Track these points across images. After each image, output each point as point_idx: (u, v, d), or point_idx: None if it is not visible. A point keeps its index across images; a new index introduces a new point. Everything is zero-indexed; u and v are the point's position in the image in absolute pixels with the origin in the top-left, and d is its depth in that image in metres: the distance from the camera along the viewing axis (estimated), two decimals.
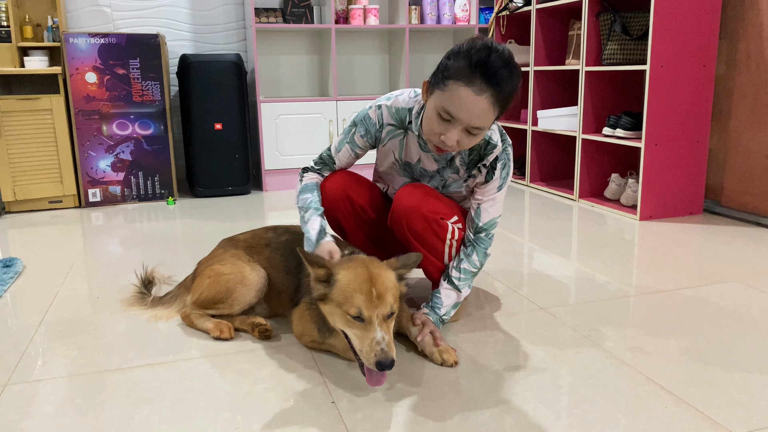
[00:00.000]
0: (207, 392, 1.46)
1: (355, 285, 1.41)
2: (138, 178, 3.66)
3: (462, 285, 1.74)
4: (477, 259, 1.75)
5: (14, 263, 2.42)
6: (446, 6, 4.25)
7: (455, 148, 1.56)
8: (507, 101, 1.51)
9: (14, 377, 1.55)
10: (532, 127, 3.88)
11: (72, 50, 3.42)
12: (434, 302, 1.73)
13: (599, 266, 2.36)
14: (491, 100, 1.47)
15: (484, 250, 1.76)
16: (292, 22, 4.02)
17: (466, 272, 1.74)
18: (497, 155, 1.70)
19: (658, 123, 2.96)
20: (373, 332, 1.37)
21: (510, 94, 1.50)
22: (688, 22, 2.90)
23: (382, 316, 1.39)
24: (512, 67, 1.48)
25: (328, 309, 1.47)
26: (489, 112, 1.48)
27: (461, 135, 1.52)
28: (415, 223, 1.70)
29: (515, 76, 1.49)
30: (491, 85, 1.45)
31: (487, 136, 1.69)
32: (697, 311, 1.91)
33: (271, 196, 3.87)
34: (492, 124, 1.59)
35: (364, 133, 1.79)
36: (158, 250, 2.66)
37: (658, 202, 3.06)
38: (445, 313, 1.72)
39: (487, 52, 1.45)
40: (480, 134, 1.54)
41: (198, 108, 3.71)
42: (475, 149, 1.71)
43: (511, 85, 1.49)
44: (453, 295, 1.74)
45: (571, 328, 1.80)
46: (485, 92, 1.45)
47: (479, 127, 1.51)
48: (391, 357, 1.34)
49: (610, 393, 1.43)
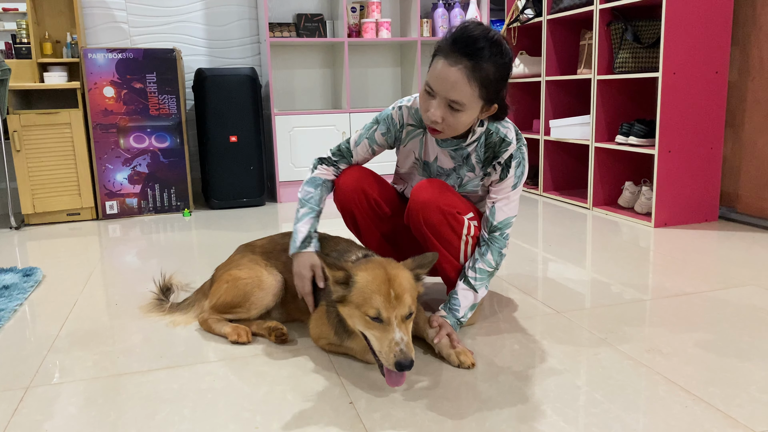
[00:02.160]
0: (226, 393, 1.47)
1: (373, 286, 1.43)
2: (154, 190, 3.71)
3: (479, 285, 1.74)
4: (492, 258, 1.75)
5: (34, 272, 2.46)
6: (457, 18, 4.29)
7: (443, 127, 1.59)
8: (487, 79, 1.52)
9: (36, 380, 1.57)
10: (544, 136, 3.89)
11: (90, 65, 3.48)
12: (452, 304, 1.73)
13: (614, 272, 2.35)
14: (466, 72, 1.50)
15: (499, 249, 1.76)
16: (306, 36, 4.07)
17: (483, 272, 1.75)
18: (512, 153, 1.72)
19: (672, 130, 2.96)
20: (392, 333, 1.39)
21: (490, 72, 1.52)
22: (699, 29, 2.91)
23: (400, 317, 1.41)
24: (494, 44, 1.52)
25: (347, 311, 1.48)
26: (465, 85, 1.51)
27: (444, 111, 1.56)
28: (431, 216, 1.71)
29: (496, 54, 1.51)
30: (465, 56, 1.49)
31: (503, 134, 1.71)
32: (714, 313, 1.90)
33: (285, 207, 3.89)
34: (477, 104, 1.57)
35: (385, 132, 1.82)
36: (174, 261, 2.69)
37: (673, 210, 3.05)
38: (462, 315, 1.72)
39: (469, 29, 1.52)
40: (463, 113, 1.56)
41: (213, 121, 3.76)
42: (490, 146, 1.73)
43: (490, 62, 1.51)
44: (470, 296, 1.74)
45: (587, 330, 1.79)
46: (460, 63, 1.50)
47: (457, 101, 1.53)
48: (410, 357, 1.36)
49: (629, 393, 1.43)
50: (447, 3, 4.35)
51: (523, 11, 4.00)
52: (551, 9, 3.74)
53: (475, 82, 1.52)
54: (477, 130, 1.71)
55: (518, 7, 4.04)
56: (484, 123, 1.71)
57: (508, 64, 1.57)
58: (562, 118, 3.77)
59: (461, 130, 1.63)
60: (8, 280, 2.35)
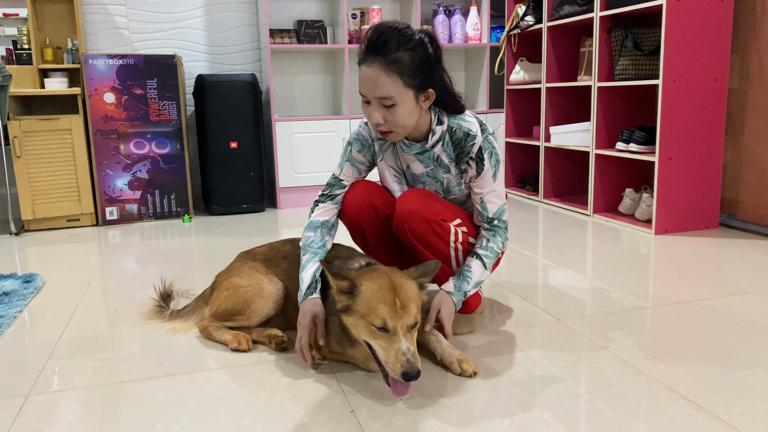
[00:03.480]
0: (227, 401, 1.47)
1: (379, 296, 1.42)
2: (154, 196, 3.71)
3: (488, 262, 1.77)
4: (500, 241, 1.79)
5: (34, 279, 2.45)
6: (457, 25, 4.30)
7: (389, 127, 1.64)
8: (405, 67, 1.57)
9: (36, 387, 1.57)
10: (544, 143, 3.89)
11: (91, 71, 3.49)
12: (465, 274, 1.74)
13: (615, 279, 2.35)
14: (381, 67, 1.57)
15: (504, 233, 1.80)
16: (306, 42, 4.08)
17: (492, 251, 1.78)
18: (480, 145, 1.72)
19: (672, 137, 2.96)
20: (399, 343, 1.38)
21: (405, 59, 1.57)
22: (699, 36, 2.92)
23: (406, 327, 1.40)
24: (398, 32, 1.58)
25: (352, 321, 1.47)
26: (385, 78, 1.57)
27: (381, 111, 1.61)
28: (416, 226, 1.72)
29: (403, 42, 1.57)
30: (376, 53, 1.57)
31: (465, 129, 1.72)
32: (715, 321, 1.90)
33: (285, 213, 3.89)
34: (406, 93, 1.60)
35: (360, 148, 1.85)
36: (174, 267, 2.69)
37: (673, 217, 3.05)
38: (470, 288, 1.74)
39: (374, 29, 1.60)
40: (398, 106, 1.60)
41: (214, 127, 3.76)
42: (456, 143, 1.74)
43: (400, 50, 1.56)
44: (479, 270, 1.76)
45: (588, 338, 1.79)
46: (374, 62, 1.58)
47: (386, 97, 1.59)
48: (417, 368, 1.36)
49: (630, 401, 1.42)
50: (447, 9, 4.36)
51: (524, 18, 4.01)
52: (551, 16, 3.75)
53: (394, 73, 1.57)
54: (437, 130, 1.72)
55: (518, 14, 4.06)
56: (444, 121, 1.72)
57: (420, 47, 1.60)
58: (562, 125, 3.78)
59: (408, 125, 1.65)
60: (8, 287, 2.35)
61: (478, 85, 4.52)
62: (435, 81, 1.65)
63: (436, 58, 1.65)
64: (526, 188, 4.24)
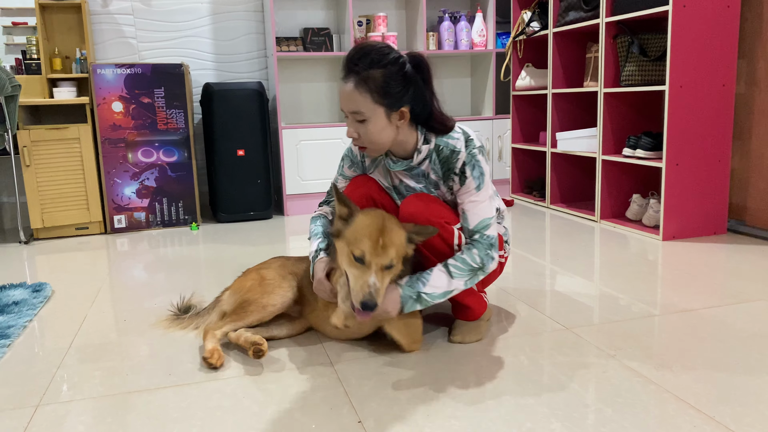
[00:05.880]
0: (234, 412, 1.47)
1: (367, 230, 1.57)
2: (162, 204, 3.72)
3: (455, 273, 1.68)
4: (477, 254, 1.70)
5: (43, 288, 2.47)
6: (463, 32, 4.31)
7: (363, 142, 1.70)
8: (376, 84, 1.62)
9: (46, 398, 1.58)
10: (551, 149, 3.89)
11: (99, 81, 3.51)
12: (422, 275, 1.67)
13: (623, 286, 2.34)
14: (355, 83, 1.64)
15: (485, 249, 1.71)
16: (312, 50, 4.09)
17: (464, 263, 1.69)
18: (463, 160, 1.73)
19: (679, 143, 2.96)
20: (369, 276, 1.54)
21: (377, 77, 1.62)
22: (706, 42, 2.91)
23: (380, 265, 1.55)
24: (373, 52, 1.64)
25: (340, 246, 1.63)
26: (357, 95, 1.64)
27: (355, 125, 1.68)
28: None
29: (376, 61, 1.63)
30: (351, 71, 1.65)
31: (451, 146, 1.73)
32: (724, 330, 1.89)
33: (292, 220, 3.90)
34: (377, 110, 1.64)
35: (350, 165, 1.94)
36: (182, 275, 2.70)
37: (681, 222, 3.04)
38: (427, 292, 1.65)
39: (352, 49, 1.67)
40: (369, 122, 1.65)
41: (221, 135, 3.78)
42: (444, 161, 1.75)
43: (372, 68, 1.62)
44: (443, 279, 1.67)
45: (596, 347, 1.79)
46: (350, 80, 1.65)
47: (357, 111, 1.65)
48: (374, 301, 1.52)
49: (638, 412, 1.42)
50: (453, 16, 4.37)
51: (529, 24, 4.01)
52: (557, 22, 3.76)
53: (365, 90, 1.63)
54: (423, 149, 1.74)
55: (524, 20, 4.06)
56: (431, 140, 1.75)
57: (394, 65, 1.64)
58: (568, 131, 3.78)
59: (381, 141, 1.69)
60: (18, 296, 2.36)
61: (484, 91, 4.52)
62: (411, 101, 1.68)
63: (415, 79, 1.67)
64: (533, 194, 4.24)
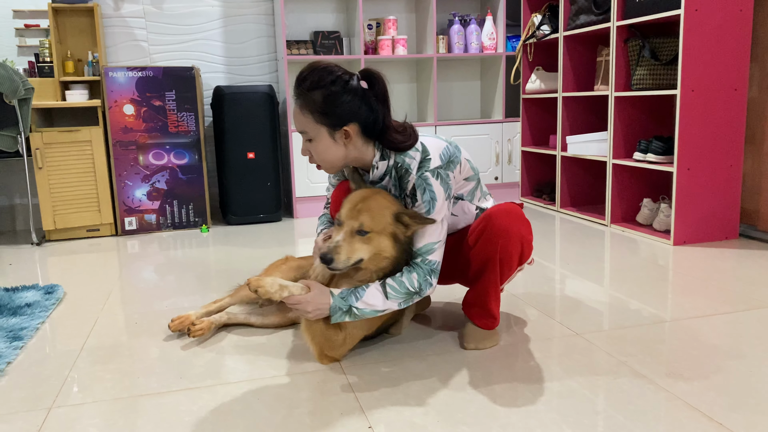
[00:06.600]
0: (245, 416, 1.48)
1: (350, 198, 1.69)
2: (173, 206, 3.74)
3: (391, 294, 1.66)
4: (416, 279, 1.68)
5: (55, 290, 2.49)
6: (473, 35, 4.31)
7: (316, 160, 1.76)
8: (316, 105, 1.66)
9: (58, 401, 1.59)
10: (561, 152, 3.88)
11: (111, 83, 3.54)
12: (358, 291, 1.66)
13: (634, 291, 2.33)
14: (299, 105, 1.70)
15: (424, 275, 1.69)
16: (323, 53, 4.10)
17: (402, 285, 1.67)
18: (414, 182, 1.71)
19: (690, 147, 2.94)
20: (337, 235, 1.65)
21: (317, 98, 1.66)
22: (718, 46, 2.90)
23: (350, 228, 1.64)
24: (314, 73, 1.67)
25: None
26: (301, 116, 1.70)
27: (306, 144, 1.75)
28: (511, 246, 1.74)
29: (315, 83, 1.66)
30: (296, 94, 1.71)
31: (406, 165, 1.71)
32: (736, 336, 1.88)
33: (301, 222, 3.91)
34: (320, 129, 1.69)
35: (335, 174, 1.96)
36: (192, 277, 2.71)
37: (692, 227, 3.02)
38: (359, 308, 1.64)
39: (300, 73, 1.71)
40: (315, 141, 1.71)
41: (231, 138, 3.79)
42: (400, 179, 1.75)
43: (312, 91, 1.66)
44: (378, 298, 1.65)
45: (606, 353, 1.78)
46: (297, 102, 1.71)
47: (303, 131, 1.72)
48: (330, 256, 1.61)
49: (649, 419, 1.41)
50: (463, 19, 4.37)
51: (539, 27, 4.01)
52: (567, 26, 3.75)
53: (307, 112, 1.68)
54: (380, 165, 1.74)
55: (534, 24, 4.05)
56: (389, 156, 1.73)
57: (334, 85, 1.66)
58: (579, 134, 3.76)
59: (329, 159, 1.74)
60: (30, 298, 2.38)
61: (493, 95, 4.52)
62: (358, 118, 1.68)
63: (362, 96, 1.68)
64: (543, 197, 4.23)
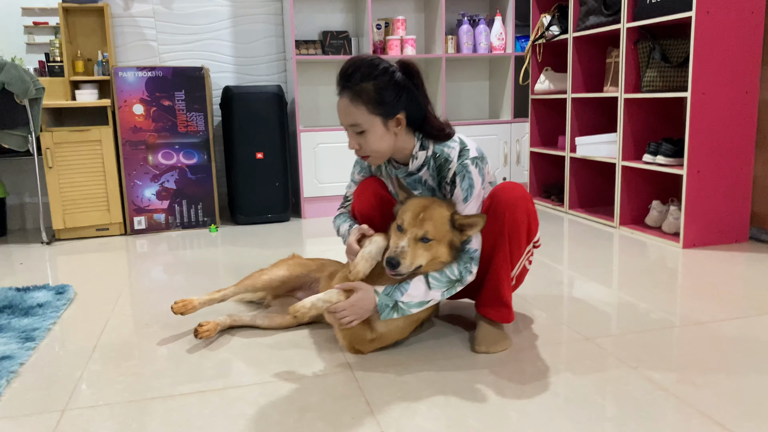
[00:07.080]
0: (257, 420, 1.49)
1: (410, 206, 1.72)
2: (182, 206, 3.76)
3: (433, 283, 1.71)
4: (456, 267, 1.74)
5: (66, 290, 2.50)
6: (482, 35, 4.30)
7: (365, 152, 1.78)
8: (369, 96, 1.70)
9: (71, 402, 1.60)
10: (570, 153, 3.87)
11: (121, 83, 3.55)
12: (402, 285, 1.70)
13: (643, 295, 2.33)
14: (349, 97, 1.72)
15: (464, 263, 1.75)
16: (331, 53, 4.11)
17: (443, 274, 1.72)
18: (455, 170, 1.78)
19: (701, 150, 2.93)
20: (402, 240, 1.67)
21: (369, 89, 1.69)
22: (729, 48, 2.88)
23: (415, 235, 1.66)
24: (363, 66, 1.70)
25: (394, 224, 1.76)
26: (353, 108, 1.72)
27: (355, 137, 1.77)
28: (518, 215, 1.77)
29: (366, 74, 1.69)
30: (343, 86, 1.73)
31: (446, 155, 1.80)
32: (748, 342, 1.87)
33: (309, 223, 3.92)
34: (374, 120, 1.72)
35: (360, 170, 2.02)
36: (201, 277, 2.72)
37: (702, 230, 3.01)
38: (405, 301, 1.69)
39: (344, 65, 1.73)
40: (368, 133, 1.73)
41: (240, 138, 3.80)
42: (439, 169, 1.81)
43: (363, 81, 1.69)
44: (421, 288, 1.70)
45: (617, 359, 1.78)
46: (344, 93, 1.74)
47: (354, 124, 1.74)
48: (397, 259, 1.64)
49: (661, 426, 1.41)
50: (472, 19, 4.36)
51: (549, 28, 3.99)
52: (577, 26, 3.74)
53: (360, 103, 1.71)
54: (419, 155, 1.81)
55: (543, 24, 4.04)
56: (428, 147, 1.80)
57: (384, 75, 1.71)
58: (588, 136, 3.75)
59: (382, 149, 1.76)
60: (42, 298, 2.40)
61: (502, 95, 4.51)
62: (405, 107, 1.74)
63: (406, 85, 1.74)
64: (551, 198, 4.22)
